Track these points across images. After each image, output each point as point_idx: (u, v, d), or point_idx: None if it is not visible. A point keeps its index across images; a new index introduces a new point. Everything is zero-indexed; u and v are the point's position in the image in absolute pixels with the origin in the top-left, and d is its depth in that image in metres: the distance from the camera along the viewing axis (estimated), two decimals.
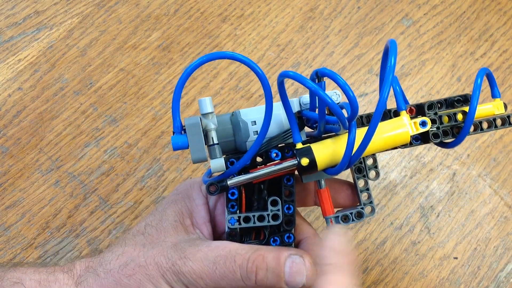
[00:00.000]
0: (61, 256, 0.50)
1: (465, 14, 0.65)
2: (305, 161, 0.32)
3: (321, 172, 0.35)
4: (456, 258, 0.51)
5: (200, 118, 0.33)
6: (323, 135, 0.35)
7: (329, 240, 0.31)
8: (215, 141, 0.33)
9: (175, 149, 0.32)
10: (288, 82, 0.60)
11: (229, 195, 0.34)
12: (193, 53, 0.61)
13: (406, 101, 0.36)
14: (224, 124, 0.35)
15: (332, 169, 0.33)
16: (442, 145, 0.36)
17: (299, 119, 0.35)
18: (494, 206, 0.53)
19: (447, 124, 0.35)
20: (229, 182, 0.33)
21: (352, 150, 0.31)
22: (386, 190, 0.54)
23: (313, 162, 0.32)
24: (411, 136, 0.33)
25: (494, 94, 0.36)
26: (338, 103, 0.34)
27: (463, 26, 0.64)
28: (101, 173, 0.54)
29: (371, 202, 0.37)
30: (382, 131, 0.33)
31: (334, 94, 0.35)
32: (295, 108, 0.35)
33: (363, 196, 0.37)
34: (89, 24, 0.63)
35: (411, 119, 0.33)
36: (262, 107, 0.35)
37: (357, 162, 0.36)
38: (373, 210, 0.37)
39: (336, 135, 0.34)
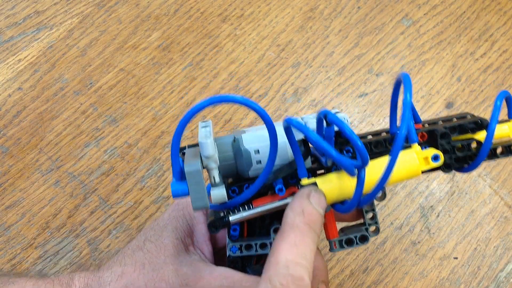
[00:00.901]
0: (61, 256, 0.50)
1: (465, 14, 0.65)
2: None
3: None
4: (456, 258, 0.51)
5: (200, 162, 0.31)
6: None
7: (292, 201, 0.31)
8: (217, 180, 0.31)
9: (174, 197, 0.31)
10: (288, 83, 0.60)
11: (231, 231, 0.33)
12: (193, 53, 0.61)
13: (418, 119, 0.34)
14: (225, 148, 0.34)
15: (341, 207, 0.32)
16: (458, 170, 0.34)
17: (304, 144, 0.34)
18: (494, 206, 0.53)
19: (460, 154, 0.33)
20: (231, 218, 0.32)
21: (361, 194, 0.30)
22: (386, 190, 0.54)
23: None
24: (422, 171, 0.31)
25: (511, 115, 0.34)
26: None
27: (463, 26, 0.64)
28: (101, 173, 0.54)
29: (376, 222, 0.35)
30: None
31: (343, 119, 0.33)
32: (299, 135, 0.33)
33: (368, 215, 0.36)
34: (89, 24, 0.63)
35: (422, 150, 0.31)
36: (264, 133, 0.33)
37: None
38: (377, 230, 0.36)
39: None
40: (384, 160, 0.31)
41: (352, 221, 0.38)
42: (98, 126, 0.57)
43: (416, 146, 0.32)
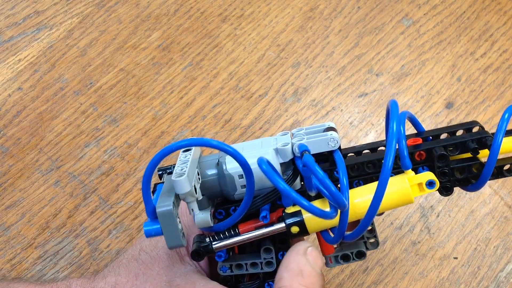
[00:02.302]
0: (61, 256, 0.50)
1: (465, 14, 0.65)
2: (295, 230, 0.30)
3: None
4: (456, 258, 0.51)
5: (174, 200, 0.29)
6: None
7: (287, 259, 0.29)
8: (196, 212, 0.30)
9: (147, 236, 0.29)
10: (288, 83, 0.60)
11: (216, 257, 0.33)
12: (193, 53, 0.61)
13: (421, 128, 0.33)
14: (208, 172, 0.32)
15: (327, 237, 0.31)
16: (462, 187, 0.33)
17: (293, 167, 0.32)
18: (494, 206, 0.53)
19: (461, 176, 0.31)
20: (215, 246, 0.31)
21: (343, 233, 0.28)
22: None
23: (303, 229, 0.30)
24: (415, 196, 0.29)
25: None
26: (335, 148, 0.31)
27: (463, 26, 0.64)
28: (101, 173, 0.54)
29: (375, 236, 0.34)
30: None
31: (331, 140, 0.31)
32: (289, 156, 0.31)
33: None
34: (89, 24, 0.63)
35: (417, 173, 0.30)
36: (250, 146, 0.32)
37: None
38: (376, 243, 0.34)
39: None
40: (374, 186, 0.28)
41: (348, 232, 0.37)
42: (98, 126, 0.57)
43: (409, 173, 0.30)
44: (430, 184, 0.29)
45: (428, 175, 0.29)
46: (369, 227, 0.34)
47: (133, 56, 0.61)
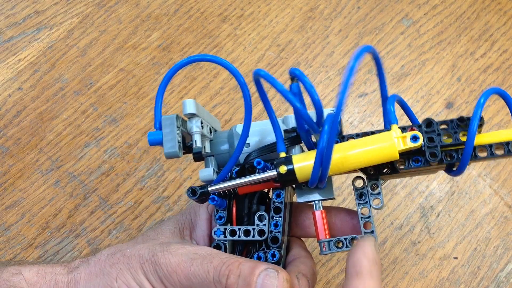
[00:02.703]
0: (61, 256, 0.50)
1: (465, 14, 0.65)
2: (283, 169, 0.31)
3: (314, 191, 0.34)
4: (456, 258, 0.51)
5: (176, 115, 0.33)
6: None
7: (363, 247, 0.31)
8: (198, 144, 0.34)
9: (150, 143, 0.33)
10: (288, 83, 0.60)
11: (210, 200, 0.34)
12: (193, 53, 0.61)
13: (416, 121, 0.34)
14: (221, 138, 0.36)
15: (311, 180, 0.31)
16: (449, 171, 0.33)
17: (296, 134, 0.35)
18: (494, 206, 0.53)
19: (449, 143, 0.31)
20: (210, 188, 0.33)
21: (321, 158, 0.30)
22: (386, 190, 0.54)
23: (291, 171, 0.31)
24: (400, 151, 0.30)
25: None
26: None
27: (463, 26, 0.64)
28: (101, 173, 0.54)
29: (372, 232, 0.34)
30: (366, 143, 0.31)
31: (330, 111, 0.34)
32: (291, 123, 0.35)
33: (365, 225, 0.35)
34: (89, 24, 0.63)
35: (403, 133, 0.31)
36: (259, 122, 0.36)
37: (359, 187, 0.34)
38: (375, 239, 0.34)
39: None
40: (363, 140, 0.31)
41: (352, 233, 0.37)
42: (98, 126, 0.57)
43: (394, 127, 0.31)
44: (414, 138, 0.30)
45: (413, 132, 0.31)
46: (368, 223, 0.34)
47: (133, 56, 0.61)
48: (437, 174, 0.55)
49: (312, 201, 0.35)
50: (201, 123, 0.35)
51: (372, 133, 0.34)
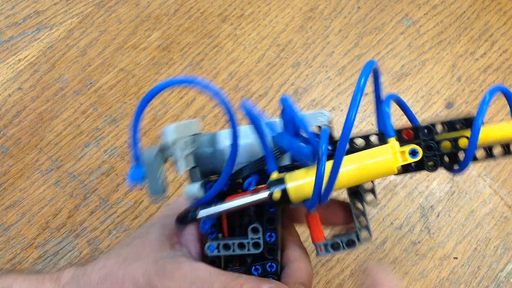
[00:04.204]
0: (61, 256, 0.50)
1: (465, 14, 0.65)
2: (276, 195, 0.29)
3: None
4: (456, 258, 0.51)
5: (158, 149, 0.31)
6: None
7: (386, 276, 0.30)
8: (181, 172, 0.31)
9: (131, 181, 0.31)
10: (288, 83, 0.60)
11: (201, 224, 0.33)
12: (193, 53, 0.61)
13: (415, 121, 0.33)
14: (203, 144, 0.34)
15: (307, 202, 0.30)
16: (450, 170, 0.32)
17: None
18: (494, 206, 0.53)
19: (448, 150, 0.30)
20: (200, 213, 0.31)
21: (321, 184, 0.28)
22: (386, 190, 0.54)
23: (285, 195, 0.29)
24: (398, 167, 0.29)
25: None
26: (325, 124, 0.32)
27: (463, 26, 0.64)
28: (101, 173, 0.54)
29: (367, 227, 0.33)
30: (362, 159, 0.29)
31: (321, 115, 0.32)
32: (277, 129, 0.33)
33: (359, 221, 0.34)
34: (89, 24, 0.63)
35: (401, 146, 0.29)
36: (245, 128, 0.33)
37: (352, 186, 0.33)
38: (369, 236, 0.34)
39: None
40: (362, 154, 0.29)
41: (344, 224, 0.37)
42: (98, 126, 0.57)
43: (392, 141, 0.29)
44: (413, 153, 0.29)
45: (412, 146, 0.29)
46: (362, 219, 0.34)
47: (133, 56, 0.61)
48: (437, 174, 0.55)
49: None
50: (184, 142, 0.32)
51: (368, 145, 0.33)
